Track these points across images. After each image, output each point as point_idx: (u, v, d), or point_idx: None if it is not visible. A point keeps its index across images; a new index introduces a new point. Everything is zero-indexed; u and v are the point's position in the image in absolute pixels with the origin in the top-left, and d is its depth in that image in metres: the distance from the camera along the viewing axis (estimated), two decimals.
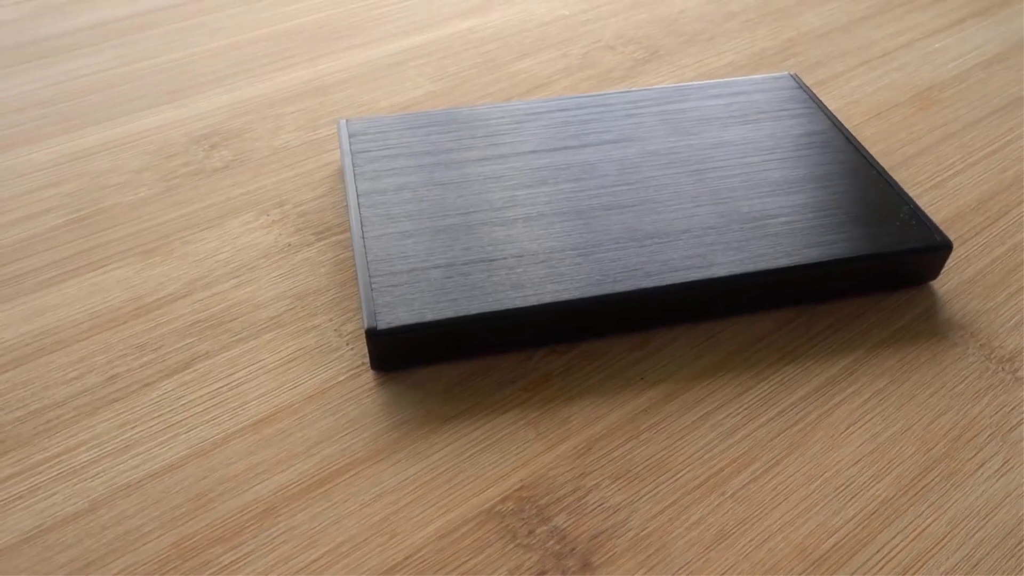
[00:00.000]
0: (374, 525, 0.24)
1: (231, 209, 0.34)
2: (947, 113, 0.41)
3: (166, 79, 0.41)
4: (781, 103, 0.37)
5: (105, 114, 0.39)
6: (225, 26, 0.46)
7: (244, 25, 0.46)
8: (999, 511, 0.25)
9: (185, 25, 0.46)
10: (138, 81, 0.41)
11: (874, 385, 0.28)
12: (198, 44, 0.44)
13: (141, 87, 0.41)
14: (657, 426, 0.27)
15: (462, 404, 0.27)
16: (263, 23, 0.46)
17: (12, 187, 0.35)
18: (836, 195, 0.32)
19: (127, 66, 0.42)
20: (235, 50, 0.44)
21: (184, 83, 0.41)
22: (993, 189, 0.36)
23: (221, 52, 0.44)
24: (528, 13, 0.48)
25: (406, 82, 0.42)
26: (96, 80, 0.41)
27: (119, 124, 0.38)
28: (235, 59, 0.43)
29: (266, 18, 0.46)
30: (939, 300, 0.31)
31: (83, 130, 0.38)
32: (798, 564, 0.23)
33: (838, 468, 0.26)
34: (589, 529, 0.24)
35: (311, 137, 0.38)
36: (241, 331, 0.29)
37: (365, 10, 0.47)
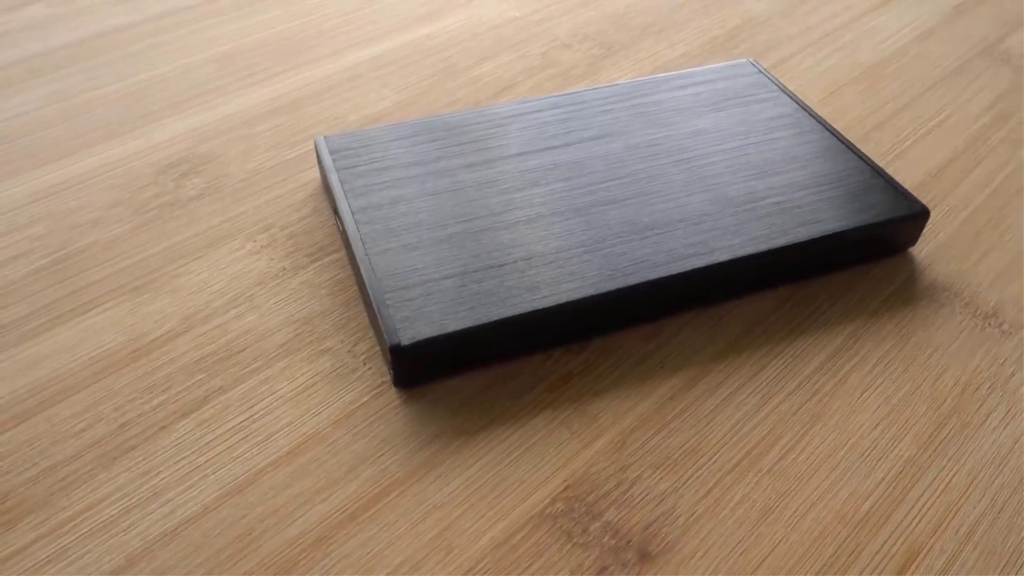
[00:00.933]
0: (429, 543, 0.24)
1: (215, 238, 0.33)
2: (894, 87, 0.43)
3: (121, 108, 0.40)
4: (746, 89, 0.38)
5: (61, 150, 0.37)
6: (174, 49, 0.44)
7: (193, 47, 0.44)
8: (1011, 457, 0.26)
9: (132, 51, 0.44)
10: (91, 112, 0.39)
11: (878, 351, 0.29)
12: (149, 69, 0.42)
13: (95, 118, 0.39)
14: (684, 412, 0.27)
15: (492, 411, 0.27)
16: (212, 44, 0.45)
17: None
18: (815, 173, 0.34)
19: (77, 97, 0.40)
20: (188, 73, 0.42)
21: (141, 111, 0.40)
22: (948, 156, 0.38)
23: (174, 76, 0.42)
24: (479, 17, 0.48)
25: (371, 94, 0.41)
26: (45, 115, 0.39)
27: (78, 159, 0.37)
28: (190, 82, 0.42)
29: (214, 38, 0.45)
30: (920, 265, 0.33)
31: (40, 168, 0.36)
32: (842, 529, 0.24)
33: (860, 434, 0.27)
34: (640, 520, 0.24)
35: (285, 157, 0.37)
36: (252, 362, 0.28)
37: (313, 25, 0.47)
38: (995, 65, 0.45)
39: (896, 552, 0.24)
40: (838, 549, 0.24)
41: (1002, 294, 0.32)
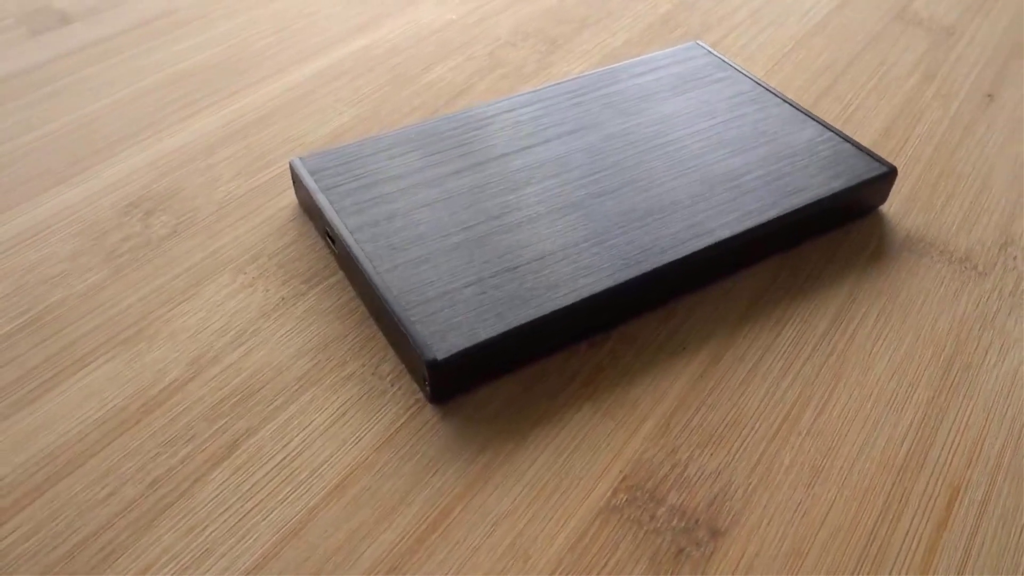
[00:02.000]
0: (504, 554, 0.23)
1: (201, 276, 0.31)
2: (826, 57, 0.45)
3: (62, 150, 0.37)
4: (701, 70, 0.39)
5: (5, 201, 0.34)
6: (103, 83, 0.41)
7: (123, 79, 0.42)
8: (1016, 387, 0.28)
9: (58, 88, 0.41)
10: (29, 158, 0.37)
11: (876, 306, 0.31)
12: (81, 106, 0.40)
13: (36, 164, 0.36)
14: (717, 388, 0.28)
15: (533, 414, 0.27)
16: (142, 73, 0.42)
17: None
18: (786, 145, 0.35)
19: (9, 143, 0.37)
20: (126, 107, 0.40)
21: (84, 151, 0.37)
22: (891, 117, 0.41)
23: (111, 111, 0.40)
24: (416, 23, 0.47)
25: (327, 110, 0.40)
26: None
27: (28, 210, 0.34)
28: (130, 116, 0.39)
29: (143, 68, 0.43)
30: (891, 221, 0.35)
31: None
32: (888, 477, 0.25)
33: (879, 386, 0.28)
34: (702, 499, 0.25)
35: (254, 183, 0.36)
36: (274, 398, 0.27)
37: (246, 45, 0.45)
38: (910, 28, 0.48)
39: (939, 491, 0.25)
40: (888, 497, 0.25)
41: (969, 238, 0.34)
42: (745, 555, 0.23)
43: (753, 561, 0.23)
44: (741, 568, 0.23)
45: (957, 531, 0.24)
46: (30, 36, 0.45)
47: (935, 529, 0.24)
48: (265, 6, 0.48)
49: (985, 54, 0.45)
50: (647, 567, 0.23)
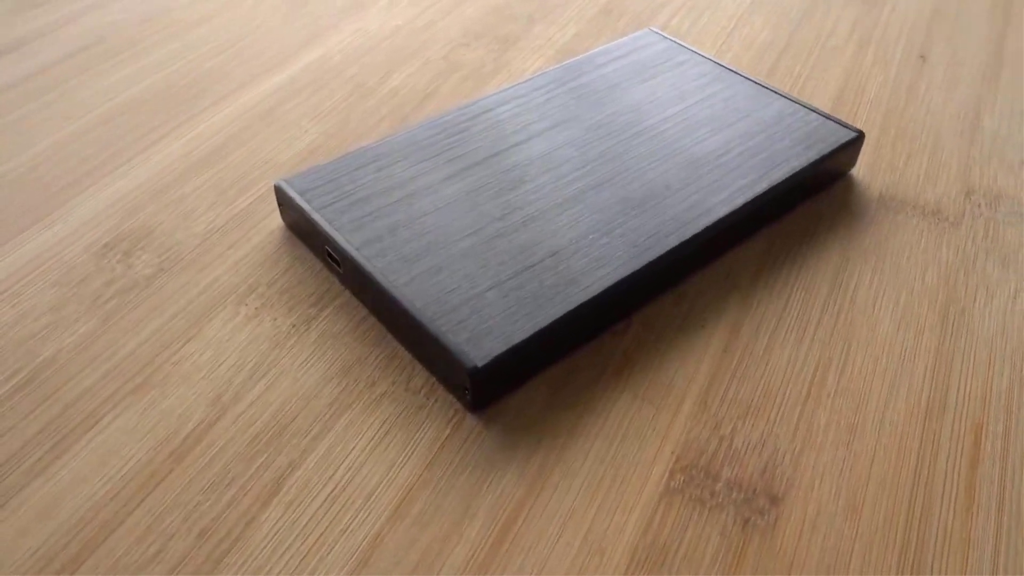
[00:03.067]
0: (580, 550, 0.23)
1: (200, 313, 0.30)
2: (767, 33, 0.47)
3: (19, 194, 0.35)
4: (661, 56, 0.40)
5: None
6: (48, 117, 0.39)
7: (67, 113, 0.39)
8: (1010, 324, 0.30)
9: (2, 125, 0.38)
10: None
11: (868, 265, 0.32)
12: (31, 144, 0.37)
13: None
14: (742, 361, 0.29)
15: (573, 409, 0.27)
16: (88, 106, 0.40)
17: None
18: (758, 120, 0.36)
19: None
20: (76, 143, 0.38)
21: (43, 194, 0.35)
22: (839, 84, 0.43)
23: (61, 149, 0.37)
24: (363, 32, 0.46)
25: (292, 127, 0.39)
26: None
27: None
28: (83, 153, 0.37)
29: (88, 100, 0.40)
30: (863, 184, 0.37)
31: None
32: (916, 424, 0.27)
33: (888, 340, 0.30)
34: (754, 469, 0.25)
35: (234, 211, 0.34)
36: (310, 428, 0.26)
37: (192, 68, 0.43)
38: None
39: (965, 431, 0.27)
40: (921, 443, 0.26)
41: (935, 192, 0.36)
42: (807, 517, 0.24)
43: (816, 521, 0.24)
44: (806, 529, 0.24)
45: (989, 466, 0.26)
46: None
47: (969, 467, 0.26)
48: (194, 30, 0.46)
49: (910, 18, 0.48)
50: (719, 542, 0.24)
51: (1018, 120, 0.40)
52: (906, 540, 0.24)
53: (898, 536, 0.24)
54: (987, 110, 0.41)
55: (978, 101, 0.42)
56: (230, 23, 0.47)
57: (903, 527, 0.24)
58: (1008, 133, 0.39)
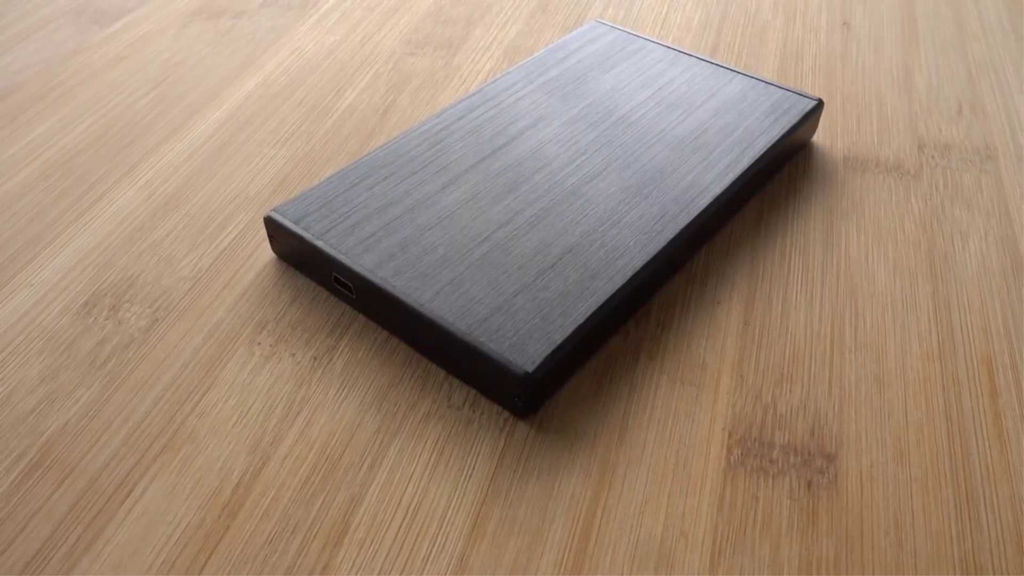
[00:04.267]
0: (663, 538, 0.24)
1: (212, 359, 0.28)
2: (699, 15, 0.48)
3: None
4: (615, 45, 0.41)
5: None
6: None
7: (4, 170, 0.36)
8: (988, 262, 0.32)
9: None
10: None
11: (851, 222, 0.34)
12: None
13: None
14: (764, 330, 0.30)
15: (620, 400, 0.27)
16: (23, 160, 0.37)
17: None
18: (725, 98, 0.37)
19: None
20: (20, 201, 0.35)
21: (2, 254, 0.32)
22: (778, 56, 0.44)
23: (5, 207, 0.34)
24: (300, 53, 0.45)
25: (255, 156, 0.37)
26: None
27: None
28: (31, 211, 0.34)
29: (20, 153, 0.37)
30: (826, 149, 0.38)
31: None
32: (935, 366, 0.28)
33: (888, 289, 0.31)
34: (803, 431, 0.26)
35: (217, 249, 0.33)
36: (362, 460, 0.25)
37: (127, 108, 0.40)
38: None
39: (978, 367, 0.28)
40: (944, 384, 0.28)
41: (891, 148, 0.38)
42: (862, 469, 0.25)
43: (871, 472, 0.25)
44: (865, 481, 0.25)
45: (1007, 395, 0.28)
46: None
47: (990, 399, 0.27)
48: (112, 70, 0.43)
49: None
50: (790, 506, 0.24)
51: (944, 73, 0.43)
52: (955, 475, 0.25)
53: (947, 473, 0.25)
54: (915, 67, 0.44)
55: (905, 60, 0.44)
56: (150, 59, 0.44)
57: (949, 464, 0.26)
58: (939, 86, 0.42)
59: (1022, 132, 0.39)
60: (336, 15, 0.48)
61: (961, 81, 0.43)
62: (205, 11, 0.48)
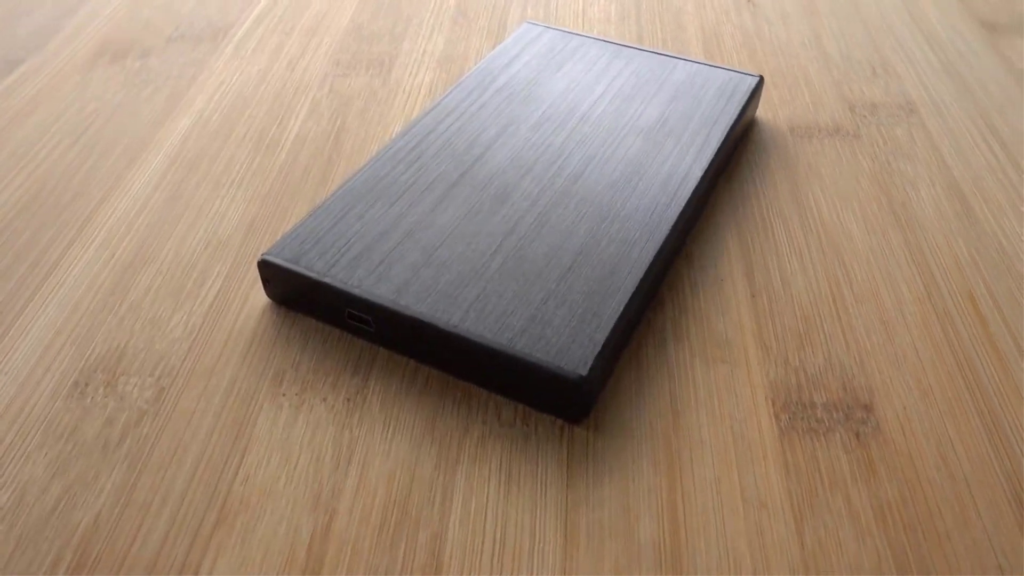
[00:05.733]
0: (746, 512, 0.24)
1: (238, 420, 0.27)
2: (614, 6, 0.50)
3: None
4: (554, 45, 0.41)
5: None
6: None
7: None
8: (940, 206, 0.35)
9: None
10: None
11: (814, 188, 0.36)
12: None
13: None
14: (771, 300, 0.31)
15: (663, 388, 0.28)
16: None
17: None
18: (673, 85, 0.39)
19: None
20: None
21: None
22: (700, 37, 0.46)
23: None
24: (227, 86, 0.43)
25: (215, 200, 0.35)
26: None
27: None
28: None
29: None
30: (771, 123, 0.40)
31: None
32: (927, 306, 0.31)
33: (866, 244, 0.33)
34: (836, 387, 0.28)
35: (204, 303, 0.31)
36: (432, 495, 0.25)
37: (56, 162, 0.37)
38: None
39: (963, 301, 0.31)
40: (940, 321, 0.30)
41: (827, 114, 0.41)
42: (898, 412, 0.27)
43: (907, 413, 0.27)
44: (904, 422, 0.27)
45: (995, 324, 0.30)
46: None
47: (982, 328, 0.30)
48: (21, 126, 0.40)
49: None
50: (846, 459, 0.26)
51: (850, 39, 0.46)
52: (975, 402, 0.27)
53: (968, 401, 0.27)
54: (824, 36, 0.47)
55: (813, 31, 0.47)
56: (63, 110, 0.41)
57: (967, 393, 0.28)
58: (848, 51, 0.45)
59: (931, 85, 0.43)
60: (252, 43, 0.46)
61: (866, 44, 0.46)
62: (107, 53, 0.45)
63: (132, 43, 0.46)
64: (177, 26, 0.48)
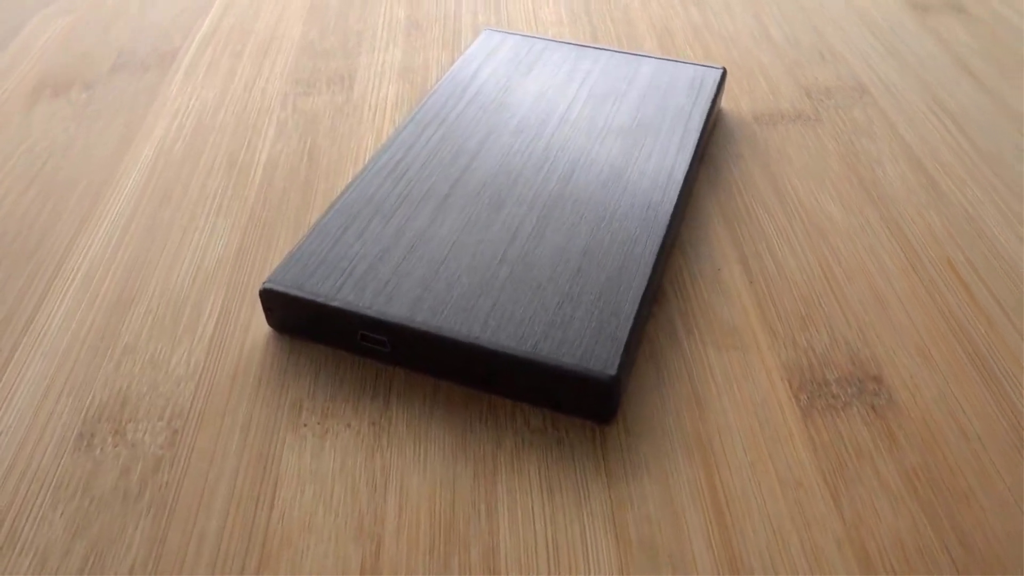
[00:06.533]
0: (783, 492, 0.25)
1: (263, 456, 0.26)
2: (562, 7, 0.50)
3: None
4: (518, 50, 0.42)
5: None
6: None
7: None
8: (906, 180, 0.37)
9: None
10: None
11: (790, 172, 0.37)
12: None
13: None
14: (768, 284, 0.32)
15: (683, 379, 0.28)
16: None
17: None
18: (642, 83, 0.39)
19: None
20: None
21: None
22: (652, 33, 0.47)
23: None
24: (185, 112, 0.41)
25: (194, 231, 0.34)
26: None
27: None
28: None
29: None
30: (733, 112, 0.42)
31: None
32: (914, 276, 0.32)
33: (847, 222, 0.35)
34: (844, 363, 0.29)
35: (203, 339, 0.29)
36: (476, 510, 0.24)
37: (14, 208, 0.35)
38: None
39: (943, 268, 0.33)
40: (927, 290, 0.32)
41: (787, 100, 0.42)
42: (906, 380, 0.28)
43: (914, 380, 0.28)
44: (914, 389, 0.28)
45: (976, 287, 0.32)
46: None
47: (966, 292, 0.32)
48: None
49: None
50: (868, 431, 0.27)
51: (794, 26, 0.48)
52: (973, 363, 0.29)
53: (966, 362, 0.29)
54: (769, 26, 0.48)
55: (758, 20, 0.49)
56: (10, 151, 0.39)
57: (964, 355, 0.29)
58: (795, 39, 0.47)
59: (876, 66, 0.45)
60: (203, 67, 0.45)
61: (810, 31, 0.48)
62: (47, 86, 0.43)
63: (73, 76, 0.44)
64: (118, 54, 0.46)
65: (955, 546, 0.24)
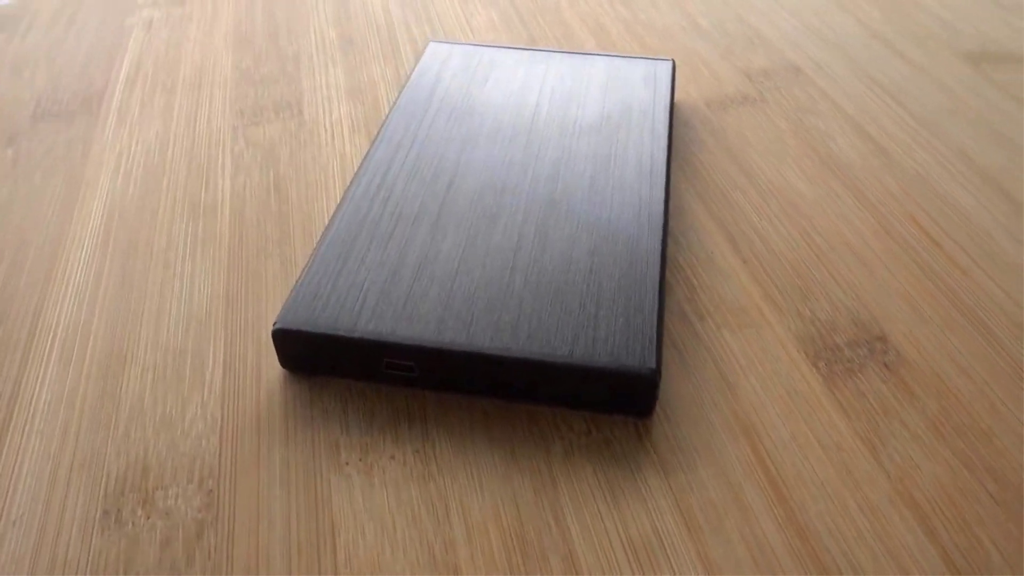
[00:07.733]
0: (834, 461, 0.26)
1: (312, 503, 0.25)
2: (493, 12, 0.50)
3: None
4: (471, 60, 0.41)
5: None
6: None
7: None
8: (859, 146, 0.39)
9: None
10: None
11: (752, 151, 0.39)
12: None
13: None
14: (761, 262, 0.33)
15: (707, 364, 0.29)
16: None
17: None
18: (601, 81, 0.40)
19: None
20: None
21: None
22: (592, 35, 0.48)
23: None
24: (128, 156, 0.39)
25: (173, 280, 0.32)
26: None
27: None
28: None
29: None
30: (686, 101, 0.43)
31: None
32: (886, 236, 0.34)
33: (814, 194, 0.36)
34: (849, 327, 0.30)
35: (213, 390, 0.28)
36: (545, 523, 0.24)
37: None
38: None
39: (912, 227, 0.35)
40: (904, 250, 0.34)
41: (732, 85, 0.44)
42: (907, 336, 0.30)
43: (916, 335, 0.30)
44: (916, 344, 0.30)
45: (942, 239, 0.34)
46: None
47: (938, 248, 0.34)
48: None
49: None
50: (887, 387, 0.28)
51: (718, 15, 0.50)
52: (963, 313, 0.31)
53: (957, 314, 0.31)
54: (695, 15, 0.50)
55: (683, 11, 0.50)
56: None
57: (953, 308, 0.31)
58: (723, 24, 0.49)
59: (803, 46, 0.47)
60: (135, 109, 0.42)
61: (733, 19, 0.50)
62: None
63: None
64: (37, 103, 0.43)
65: (990, 482, 0.25)
